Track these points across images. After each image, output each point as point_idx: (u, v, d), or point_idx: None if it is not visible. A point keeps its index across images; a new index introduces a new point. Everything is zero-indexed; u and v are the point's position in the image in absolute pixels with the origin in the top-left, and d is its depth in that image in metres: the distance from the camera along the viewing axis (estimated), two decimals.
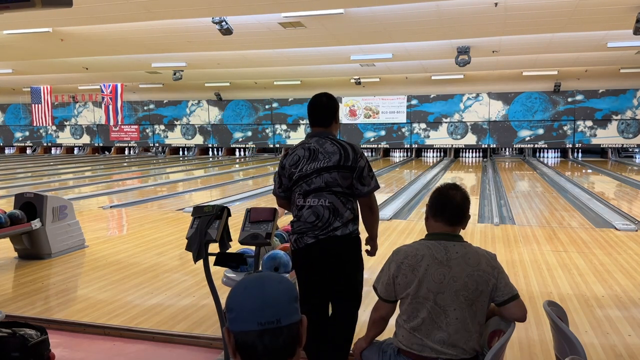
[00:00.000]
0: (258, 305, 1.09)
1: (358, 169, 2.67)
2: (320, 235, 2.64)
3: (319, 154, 2.68)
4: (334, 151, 2.67)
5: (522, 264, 5.05)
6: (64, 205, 5.66)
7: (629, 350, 3.14)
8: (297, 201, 2.72)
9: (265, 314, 1.08)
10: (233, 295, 1.13)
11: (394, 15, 9.03)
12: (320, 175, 2.65)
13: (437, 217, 2.16)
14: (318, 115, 2.77)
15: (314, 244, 2.65)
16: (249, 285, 1.13)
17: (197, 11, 8.65)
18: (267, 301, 1.09)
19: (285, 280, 1.16)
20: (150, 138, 23.63)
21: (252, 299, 1.10)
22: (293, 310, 1.12)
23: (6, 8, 3.11)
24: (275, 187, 2.87)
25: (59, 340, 3.34)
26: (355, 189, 2.69)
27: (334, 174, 2.64)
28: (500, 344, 1.92)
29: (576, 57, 13.85)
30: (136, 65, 15.07)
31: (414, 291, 2.04)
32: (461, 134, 19.89)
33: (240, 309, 1.10)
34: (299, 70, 16.26)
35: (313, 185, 2.66)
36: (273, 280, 1.14)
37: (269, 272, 1.25)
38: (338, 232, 2.64)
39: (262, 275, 1.16)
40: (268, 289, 1.11)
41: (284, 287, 1.13)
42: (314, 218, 2.65)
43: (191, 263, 3.22)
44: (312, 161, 2.68)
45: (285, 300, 1.11)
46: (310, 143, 2.72)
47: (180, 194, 10.91)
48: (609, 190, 11.06)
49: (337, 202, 2.65)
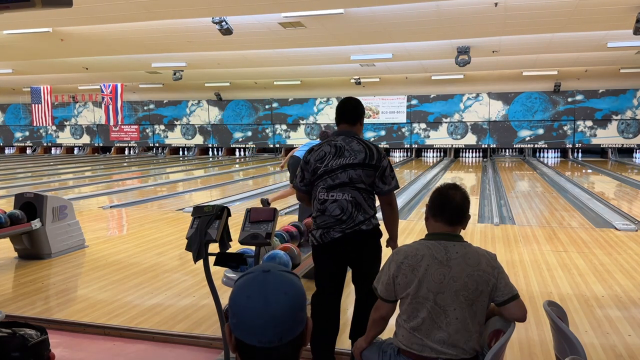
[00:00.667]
0: (260, 324, 1.02)
1: (381, 168, 2.85)
2: (347, 229, 2.78)
3: (345, 151, 2.84)
4: (360, 150, 2.84)
5: (522, 264, 5.05)
6: (64, 205, 5.66)
7: (629, 350, 3.14)
8: (320, 195, 2.86)
9: (267, 333, 1.02)
10: (235, 300, 1.07)
11: (394, 15, 9.03)
12: (346, 171, 2.81)
13: (436, 217, 2.16)
14: (347, 114, 2.97)
15: (341, 237, 2.79)
16: (252, 295, 1.04)
17: (197, 11, 8.65)
18: (269, 321, 1.02)
19: (291, 288, 1.06)
20: (150, 138, 23.63)
21: (254, 315, 1.03)
22: (298, 322, 1.06)
23: (6, 8, 3.11)
24: (297, 180, 3.00)
25: (59, 340, 3.34)
26: (376, 187, 2.87)
27: (358, 171, 2.81)
28: (500, 344, 1.92)
29: (576, 57, 13.85)
30: (136, 65, 15.08)
31: (414, 291, 2.04)
32: (461, 134, 19.90)
33: (241, 320, 1.04)
34: (299, 70, 16.27)
35: (337, 180, 2.81)
36: (278, 292, 1.04)
37: (274, 274, 1.08)
38: (363, 227, 2.80)
39: (266, 282, 1.05)
40: (273, 305, 1.02)
41: (290, 299, 1.05)
42: (339, 211, 2.79)
43: (191, 263, 3.22)
44: (338, 157, 2.84)
45: (290, 317, 1.04)
46: (337, 141, 2.89)
47: (180, 194, 10.91)
48: (609, 190, 11.06)
49: (360, 198, 2.81)
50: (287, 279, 1.08)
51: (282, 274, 1.08)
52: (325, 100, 21.13)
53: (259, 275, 1.07)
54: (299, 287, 1.09)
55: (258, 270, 1.08)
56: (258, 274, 1.07)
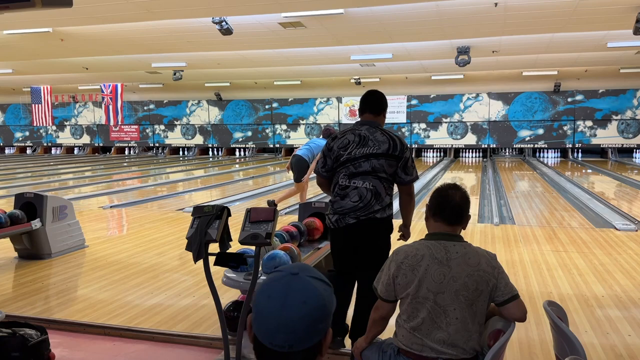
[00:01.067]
0: (272, 327, 1.01)
1: (404, 159, 2.98)
2: (362, 216, 2.92)
3: (369, 140, 2.95)
4: (384, 140, 2.95)
5: (522, 264, 5.05)
6: (64, 205, 5.66)
7: (629, 350, 3.14)
8: (341, 181, 2.98)
9: (277, 338, 1.01)
10: (258, 296, 1.06)
11: (394, 15, 9.03)
12: (369, 160, 2.92)
13: (436, 217, 2.17)
14: (372, 104, 3.09)
15: (355, 224, 2.93)
16: (272, 295, 1.03)
17: (197, 11, 8.65)
18: (281, 326, 1.01)
19: (313, 298, 1.03)
20: (150, 138, 23.63)
21: (269, 317, 1.02)
22: (314, 333, 1.03)
23: (6, 8, 3.11)
24: (319, 166, 3.14)
25: (59, 340, 3.34)
26: (398, 177, 2.99)
27: (381, 161, 2.92)
28: (500, 344, 1.92)
29: (576, 57, 13.85)
30: (136, 65, 15.08)
31: (414, 291, 2.04)
32: (461, 134, 19.89)
33: (258, 318, 1.04)
34: (299, 70, 16.27)
35: (360, 169, 2.93)
36: (298, 299, 1.02)
37: (301, 279, 1.04)
38: (378, 215, 2.93)
39: (289, 286, 1.03)
40: (288, 312, 1.01)
41: (309, 309, 1.02)
42: (357, 198, 2.92)
43: (191, 263, 3.22)
44: (361, 146, 2.95)
45: (304, 328, 1.01)
46: (361, 130, 3.00)
47: (180, 194, 10.91)
48: (609, 190, 11.06)
49: (380, 187, 2.93)
50: (312, 286, 1.04)
51: (309, 280, 1.05)
52: (325, 100, 21.13)
53: (285, 276, 1.06)
54: (324, 297, 1.05)
55: (287, 271, 1.07)
56: (285, 275, 1.06)
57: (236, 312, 3.20)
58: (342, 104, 20.96)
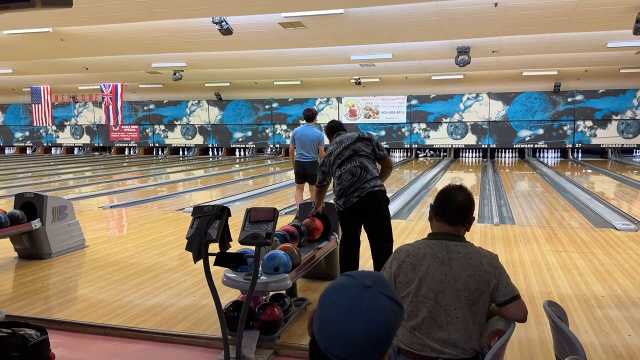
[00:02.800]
0: (331, 335, 0.98)
1: (373, 139, 4.03)
2: (362, 193, 3.76)
3: (343, 139, 3.99)
4: (352, 134, 4.04)
5: (522, 264, 5.05)
6: (64, 205, 5.66)
7: (629, 350, 3.14)
8: (336, 172, 3.91)
9: (334, 347, 0.98)
10: (324, 297, 1.03)
11: (394, 15, 9.03)
12: (348, 148, 3.91)
13: (439, 217, 2.18)
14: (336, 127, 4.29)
15: (358, 201, 3.78)
16: (339, 303, 0.99)
17: (197, 11, 8.65)
18: (340, 337, 0.97)
19: (380, 318, 0.98)
20: (150, 138, 23.63)
21: (331, 324, 0.98)
22: (373, 353, 0.98)
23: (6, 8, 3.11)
24: (317, 182, 4.13)
25: (59, 340, 3.34)
26: (377, 153, 3.97)
27: (358, 144, 3.92)
28: (500, 344, 1.92)
29: (576, 57, 13.85)
30: (136, 65, 15.08)
31: (415, 290, 2.04)
32: (461, 134, 19.89)
33: (320, 321, 1.01)
34: (299, 70, 16.27)
35: (344, 157, 3.89)
36: (364, 316, 0.97)
37: (372, 294, 1.00)
38: (373, 188, 3.79)
39: (359, 299, 0.99)
40: (350, 325, 0.97)
41: (373, 329, 0.97)
42: (350, 176, 3.81)
43: (191, 263, 3.22)
44: (340, 145, 3.96)
45: (362, 345, 0.97)
46: (336, 139, 4.09)
47: (180, 194, 10.91)
48: (609, 190, 11.06)
49: (365, 162, 3.86)
50: (381, 305, 0.99)
51: (380, 298, 1.00)
52: (325, 100, 21.13)
53: (357, 286, 1.01)
54: (390, 319, 1.00)
55: (361, 280, 1.02)
56: (357, 285, 1.01)
57: (236, 312, 3.20)
58: (342, 104, 20.96)
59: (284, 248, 3.43)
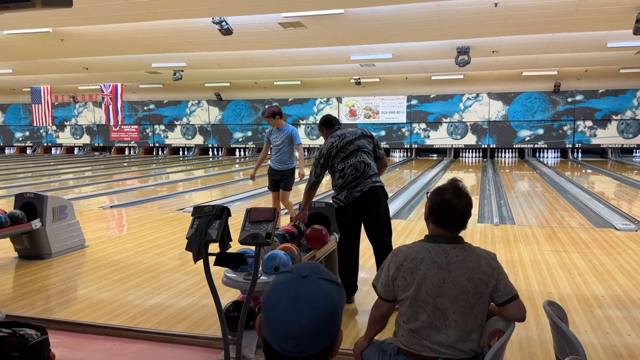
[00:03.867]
0: (282, 333, 0.98)
1: (374, 138, 4.12)
2: (364, 188, 3.80)
3: (346, 134, 3.97)
4: (355, 130, 4.07)
5: (522, 264, 5.05)
6: (64, 205, 5.66)
7: (629, 350, 3.14)
8: (339, 166, 3.89)
9: (287, 343, 0.98)
10: (266, 300, 1.03)
11: (394, 15, 9.03)
12: (353, 143, 3.92)
13: (437, 223, 2.13)
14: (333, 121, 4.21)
15: (360, 196, 3.80)
16: (281, 299, 1.00)
17: (197, 11, 8.65)
18: (291, 332, 0.98)
19: (324, 302, 1.00)
20: (150, 138, 23.63)
21: (278, 322, 0.99)
22: (325, 337, 1.00)
23: (6, 8, 3.11)
24: (312, 176, 4.00)
25: (59, 340, 3.34)
26: (376, 152, 4.03)
27: (362, 140, 3.96)
28: (500, 344, 1.92)
29: (576, 57, 13.85)
30: (136, 65, 15.08)
31: (413, 294, 2.04)
32: (461, 134, 19.89)
33: (267, 322, 1.01)
34: (299, 70, 16.27)
35: (348, 151, 3.89)
36: (309, 304, 0.98)
37: (311, 282, 1.01)
38: (374, 183, 3.85)
39: (299, 290, 1.00)
40: (297, 317, 0.97)
41: (320, 314, 0.98)
42: (354, 171, 3.84)
43: (191, 263, 3.22)
44: (342, 139, 3.95)
45: (314, 333, 0.98)
46: (336, 132, 4.05)
47: (180, 194, 10.91)
48: (609, 190, 11.06)
49: (368, 158, 3.92)
50: (322, 290, 1.01)
51: (320, 283, 1.02)
52: (325, 100, 21.13)
53: (295, 279, 1.02)
54: (334, 301, 1.02)
55: (296, 273, 1.03)
56: (295, 278, 1.02)
57: (236, 312, 3.20)
58: (342, 104, 20.96)
59: (284, 248, 3.43)
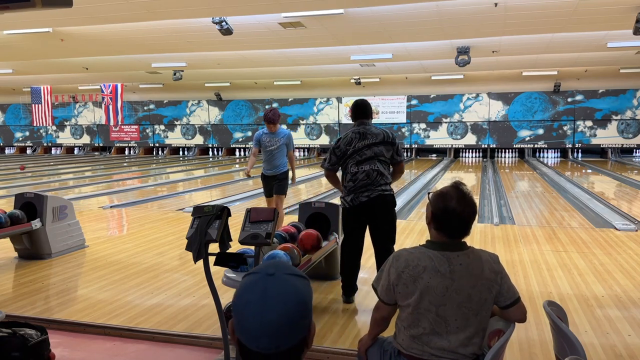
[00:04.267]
0: (256, 332, 1.00)
1: (397, 145, 3.95)
2: (372, 194, 3.76)
3: (368, 134, 3.85)
4: (379, 132, 3.88)
5: (522, 264, 5.05)
6: (64, 205, 5.66)
7: (629, 350, 3.14)
8: (352, 169, 3.82)
9: (263, 341, 0.99)
10: (236, 303, 1.04)
11: (394, 15, 9.02)
12: (371, 148, 3.81)
13: (439, 231, 2.08)
14: (365, 111, 3.97)
15: (367, 201, 3.77)
16: (250, 300, 1.01)
17: (197, 11, 8.65)
18: (264, 330, 0.99)
19: (293, 297, 1.02)
20: (150, 138, 23.63)
21: (251, 322, 1.00)
22: (298, 330, 1.02)
23: (6, 8, 3.11)
24: (326, 163, 3.94)
25: (59, 340, 3.34)
26: (394, 158, 3.92)
27: (380, 147, 3.83)
28: (500, 344, 1.92)
29: (576, 57, 13.85)
30: (136, 65, 15.07)
31: (415, 303, 2.01)
32: (461, 134, 19.89)
33: (240, 324, 1.02)
34: (299, 70, 16.26)
35: (365, 156, 3.80)
36: (278, 301, 1.00)
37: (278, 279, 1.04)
38: (384, 191, 3.79)
39: (267, 289, 1.02)
40: (268, 315, 0.99)
41: (290, 309, 1.01)
42: (366, 178, 3.78)
43: (191, 263, 3.22)
44: (362, 140, 3.83)
45: (287, 328, 1.00)
46: (359, 128, 3.89)
47: (180, 194, 10.91)
48: (608, 190, 11.06)
49: (382, 168, 3.83)
50: (290, 286, 1.03)
51: (287, 279, 1.04)
52: (325, 100, 21.13)
53: (262, 278, 1.04)
54: (303, 294, 1.04)
55: (262, 272, 1.05)
56: (262, 277, 1.04)
57: None
58: (342, 104, 20.96)
59: (284, 248, 3.43)
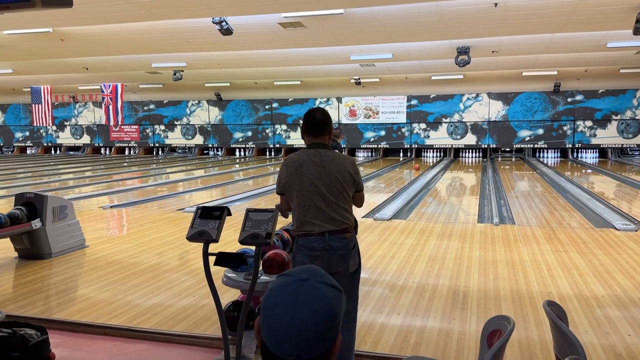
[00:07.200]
0: (280, 336, 0.98)
1: None
2: None
3: None
4: None
5: (522, 264, 5.05)
6: (64, 205, 5.66)
7: (629, 350, 3.14)
8: None
9: (285, 347, 0.97)
10: (265, 302, 1.02)
11: (394, 15, 9.02)
12: None
13: (307, 133, 2.84)
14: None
15: None
16: (280, 303, 0.99)
17: (197, 11, 8.65)
18: (289, 336, 0.97)
19: (323, 306, 0.99)
20: (150, 138, 23.63)
21: (277, 325, 0.99)
22: (323, 342, 0.99)
23: (6, 8, 3.11)
24: None
25: (59, 340, 3.34)
26: None
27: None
28: (500, 344, 1.92)
29: (576, 57, 13.85)
30: (136, 65, 15.07)
31: (299, 186, 2.72)
32: (461, 134, 19.90)
33: (266, 324, 1.01)
34: (299, 70, 16.26)
35: None
36: (307, 308, 0.98)
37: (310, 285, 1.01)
38: None
39: (298, 294, 1.00)
40: (296, 321, 0.97)
41: (319, 318, 0.98)
42: None
43: (191, 263, 3.23)
44: None
45: (313, 338, 0.98)
46: None
47: (180, 194, 10.91)
48: (608, 190, 11.06)
49: None
50: (321, 294, 1.01)
51: (319, 287, 1.02)
52: (325, 100, 21.13)
53: (295, 282, 1.02)
54: (333, 305, 1.01)
55: (296, 276, 1.03)
56: (294, 281, 1.02)
57: (236, 312, 3.20)
58: (342, 104, 20.96)
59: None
